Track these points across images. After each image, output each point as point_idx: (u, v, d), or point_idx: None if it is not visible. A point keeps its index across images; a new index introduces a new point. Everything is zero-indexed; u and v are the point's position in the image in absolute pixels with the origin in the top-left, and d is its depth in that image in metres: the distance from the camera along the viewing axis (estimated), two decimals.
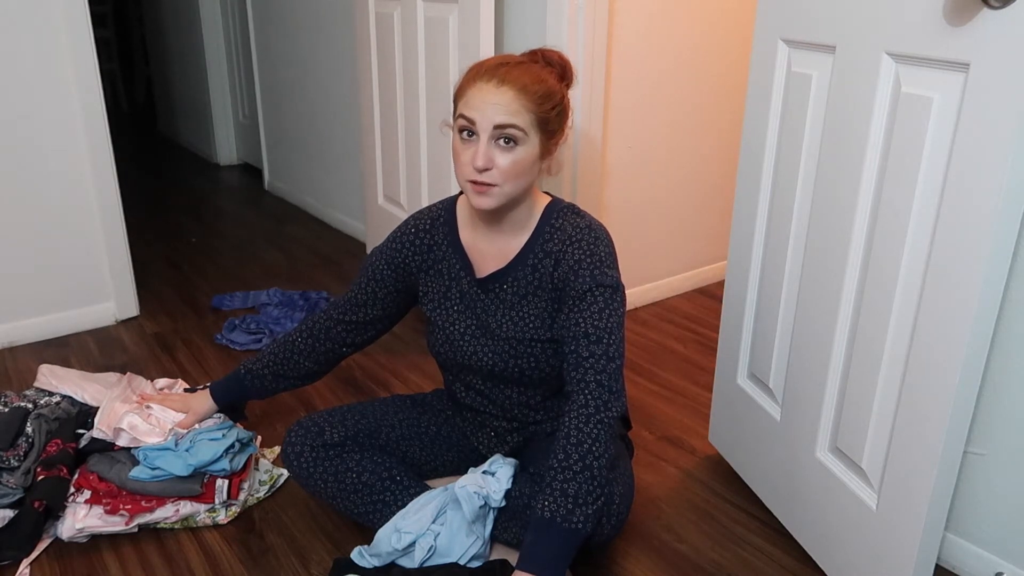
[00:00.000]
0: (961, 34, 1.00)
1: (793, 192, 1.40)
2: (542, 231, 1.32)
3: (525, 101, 1.19)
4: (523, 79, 1.20)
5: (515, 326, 1.34)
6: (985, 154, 0.99)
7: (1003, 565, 1.36)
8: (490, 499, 1.33)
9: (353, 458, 1.41)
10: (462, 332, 1.38)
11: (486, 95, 1.19)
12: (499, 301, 1.35)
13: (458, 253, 1.38)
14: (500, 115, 1.18)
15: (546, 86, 1.22)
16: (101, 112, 2.25)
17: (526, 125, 1.20)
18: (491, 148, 1.20)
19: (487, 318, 1.36)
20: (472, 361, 1.38)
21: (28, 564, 1.41)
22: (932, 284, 1.09)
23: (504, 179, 1.21)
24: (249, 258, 3.05)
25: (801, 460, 1.43)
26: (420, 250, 1.41)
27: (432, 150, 2.29)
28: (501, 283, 1.35)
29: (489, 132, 1.19)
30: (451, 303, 1.40)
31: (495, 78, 1.20)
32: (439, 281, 1.41)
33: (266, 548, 1.49)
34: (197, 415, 1.55)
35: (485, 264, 1.37)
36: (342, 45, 3.05)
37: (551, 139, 1.26)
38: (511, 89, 1.19)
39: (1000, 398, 1.30)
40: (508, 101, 1.19)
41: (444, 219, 1.40)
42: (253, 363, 1.54)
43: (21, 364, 2.17)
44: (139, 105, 6.32)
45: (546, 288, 1.31)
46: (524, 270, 1.33)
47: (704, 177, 2.65)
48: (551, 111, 1.23)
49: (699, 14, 2.40)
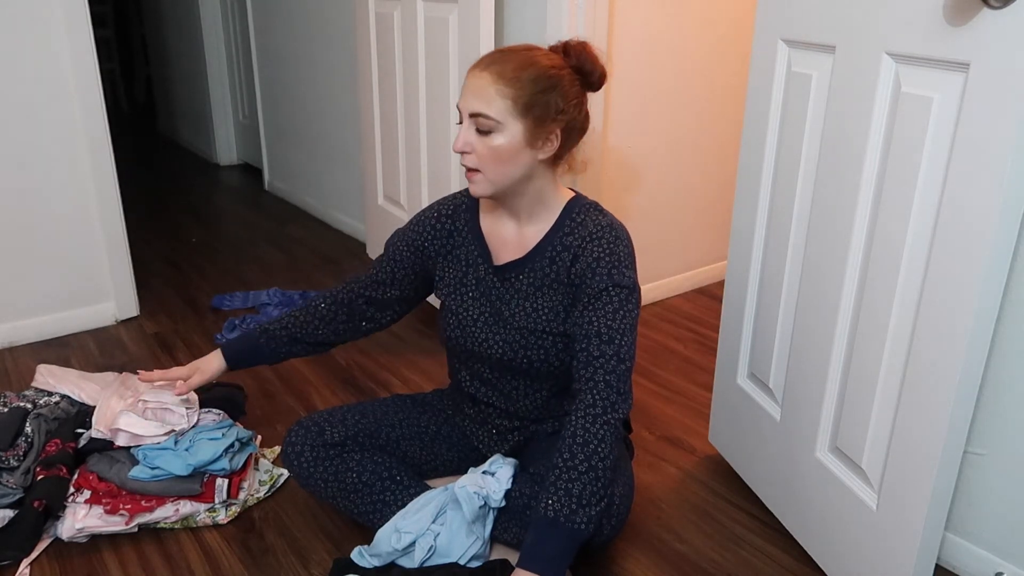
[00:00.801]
0: (961, 34, 1.00)
1: (793, 192, 1.40)
2: (562, 224, 1.33)
3: (501, 87, 1.21)
4: (508, 65, 1.23)
5: (528, 316, 1.35)
6: (985, 154, 0.99)
7: (1003, 565, 1.36)
8: (490, 499, 1.33)
9: (353, 458, 1.41)
10: (475, 319, 1.39)
11: (469, 80, 1.24)
12: (514, 290, 1.36)
13: (477, 240, 1.40)
14: (473, 103, 1.23)
15: (535, 70, 1.22)
16: (101, 112, 2.25)
17: (501, 114, 1.22)
18: (470, 133, 1.25)
19: (501, 306, 1.37)
20: (483, 348, 1.39)
21: (28, 564, 1.41)
22: (932, 284, 1.09)
23: (483, 164, 1.25)
24: (249, 258, 3.05)
25: (801, 460, 1.43)
26: (440, 235, 1.43)
27: (432, 150, 2.29)
28: (518, 273, 1.36)
29: (468, 119, 1.25)
30: (466, 289, 1.40)
31: (481, 63, 1.25)
32: (456, 267, 1.42)
33: (266, 548, 1.49)
34: (204, 375, 1.50)
35: (503, 253, 1.38)
36: (342, 45, 3.05)
37: (541, 126, 1.24)
38: (489, 75, 1.22)
39: (1000, 398, 1.30)
40: (482, 88, 1.22)
41: (467, 206, 1.42)
42: (269, 324, 1.52)
43: (21, 364, 2.17)
44: (139, 105, 6.32)
45: (562, 282, 1.32)
46: (542, 262, 1.34)
47: (704, 177, 2.65)
48: (536, 95, 1.22)
49: (699, 14, 2.40)
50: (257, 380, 2.09)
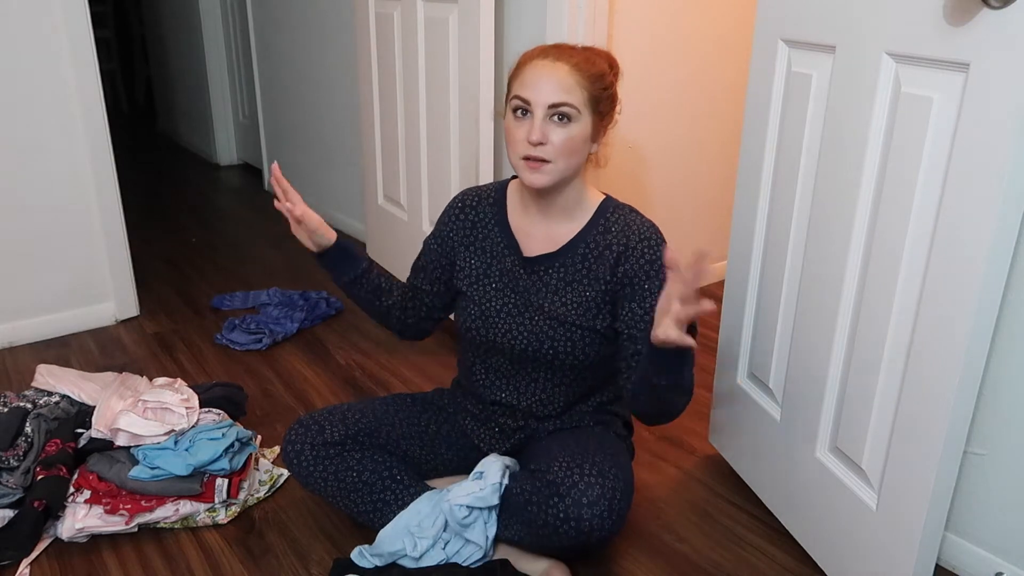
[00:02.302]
0: (961, 34, 1.00)
1: (793, 192, 1.40)
2: (596, 223, 1.36)
3: (579, 77, 1.25)
4: (576, 57, 1.27)
5: (557, 308, 1.36)
6: (985, 154, 0.99)
7: (1003, 565, 1.36)
8: (484, 501, 1.33)
9: (354, 457, 1.41)
10: (498, 309, 1.40)
11: (541, 71, 1.25)
12: (542, 283, 1.38)
13: (504, 232, 1.41)
14: (554, 93, 1.24)
15: (598, 67, 1.28)
16: (101, 112, 2.25)
17: (579, 102, 1.25)
18: (546, 124, 1.25)
19: (529, 297, 1.38)
20: (505, 340, 1.39)
21: (28, 564, 1.41)
22: (932, 284, 1.09)
23: (557, 155, 1.26)
24: (249, 258, 3.05)
25: (801, 460, 1.43)
26: (464, 225, 1.45)
27: (432, 150, 2.29)
28: (547, 267, 1.37)
29: (544, 109, 1.24)
30: (490, 280, 1.42)
31: (550, 56, 1.26)
32: (480, 258, 1.43)
33: (266, 548, 1.49)
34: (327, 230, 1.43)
35: (531, 247, 1.40)
36: (342, 45, 3.05)
37: (601, 120, 1.30)
38: (566, 65, 1.25)
39: (1000, 398, 1.30)
40: (562, 76, 1.24)
41: (494, 199, 1.44)
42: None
43: (21, 364, 2.17)
44: (139, 105, 6.32)
45: (600, 279, 1.34)
46: (574, 258, 1.36)
47: (704, 177, 2.65)
48: (602, 91, 1.28)
49: (699, 14, 2.40)
50: (257, 380, 2.09)
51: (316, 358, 2.23)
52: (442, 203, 2.27)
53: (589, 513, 1.21)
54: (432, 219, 2.36)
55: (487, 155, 2.05)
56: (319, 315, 2.47)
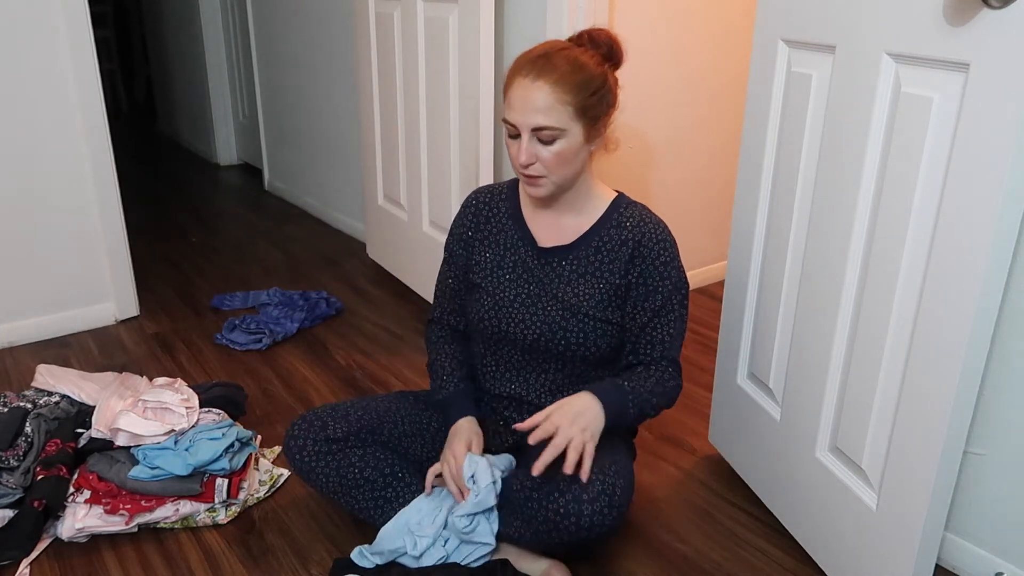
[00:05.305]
0: (961, 34, 1.00)
1: (793, 192, 1.40)
2: (610, 218, 1.39)
3: (561, 94, 1.24)
4: (561, 69, 1.25)
5: (570, 298, 1.38)
6: (985, 154, 0.99)
7: (1003, 565, 1.36)
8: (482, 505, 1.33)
9: (356, 453, 1.41)
10: (512, 299, 1.41)
11: (523, 92, 1.25)
12: (555, 275, 1.40)
13: (519, 225, 1.44)
14: (536, 116, 1.25)
15: (584, 73, 1.27)
16: (101, 112, 2.25)
17: (563, 121, 1.26)
18: (533, 145, 1.27)
19: (544, 286, 1.40)
20: (518, 330, 1.40)
21: (28, 564, 1.41)
22: (932, 284, 1.09)
23: (550, 170, 1.30)
24: (249, 258, 3.05)
25: (801, 460, 1.43)
26: (478, 221, 1.48)
27: (432, 150, 2.29)
28: (561, 259, 1.40)
29: (528, 131, 1.27)
30: (504, 271, 1.43)
31: (532, 72, 1.26)
32: (494, 250, 1.45)
33: (266, 548, 1.49)
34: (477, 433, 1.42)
35: (545, 238, 1.42)
36: (342, 45, 3.05)
37: (595, 124, 1.31)
38: (546, 83, 1.24)
39: (1000, 398, 1.30)
40: (543, 97, 1.24)
41: (507, 195, 1.47)
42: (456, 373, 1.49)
43: (21, 364, 2.17)
44: (139, 105, 6.32)
45: (613, 271, 1.37)
46: (587, 251, 1.38)
47: (704, 177, 2.65)
48: (591, 98, 1.27)
49: (699, 14, 2.41)
50: (257, 380, 2.09)
51: (316, 358, 2.23)
52: (442, 203, 2.28)
53: (589, 509, 1.22)
54: (432, 219, 2.36)
55: (487, 155, 2.05)
56: (319, 315, 2.47)
